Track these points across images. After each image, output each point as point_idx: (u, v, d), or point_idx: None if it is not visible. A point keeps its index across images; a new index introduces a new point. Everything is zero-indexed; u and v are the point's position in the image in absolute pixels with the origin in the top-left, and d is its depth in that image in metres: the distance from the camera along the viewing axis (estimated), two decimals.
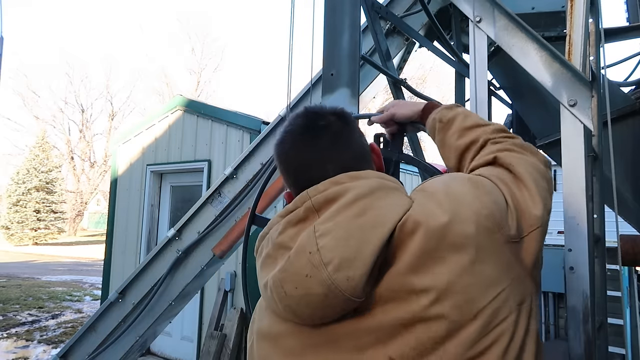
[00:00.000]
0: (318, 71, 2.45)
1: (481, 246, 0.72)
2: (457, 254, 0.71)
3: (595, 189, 1.46)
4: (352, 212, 0.72)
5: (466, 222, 0.73)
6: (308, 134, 0.84)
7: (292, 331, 0.75)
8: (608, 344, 1.73)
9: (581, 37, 1.40)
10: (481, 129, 1.02)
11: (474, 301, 0.69)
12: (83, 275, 13.56)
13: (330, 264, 0.68)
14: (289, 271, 0.72)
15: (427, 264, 0.70)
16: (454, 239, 0.72)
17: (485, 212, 0.76)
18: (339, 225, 0.71)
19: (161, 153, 6.05)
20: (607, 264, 1.75)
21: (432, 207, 0.74)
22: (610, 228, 1.60)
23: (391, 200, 0.75)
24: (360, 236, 0.69)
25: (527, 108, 2.72)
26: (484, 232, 0.74)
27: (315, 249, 0.70)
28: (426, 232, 0.71)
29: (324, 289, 0.69)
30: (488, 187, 0.83)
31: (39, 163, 26.37)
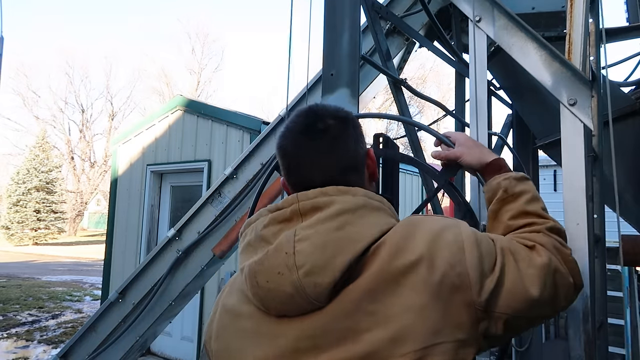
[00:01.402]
0: (318, 71, 2.45)
1: (439, 297, 0.74)
2: (413, 293, 0.73)
3: (596, 189, 1.46)
4: (333, 224, 0.77)
5: (435, 271, 0.75)
6: (305, 135, 0.88)
7: (252, 315, 0.81)
8: (608, 344, 1.73)
9: (581, 36, 1.40)
10: (540, 220, 0.95)
11: (408, 342, 0.71)
12: (83, 275, 13.56)
13: (302, 268, 0.74)
14: (264, 265, 0.78)
15: (382, 290, 0.74)
16: (415, 279, 0.74)
17: (458, 270, 0.76)
18: (318, 233, 0.76)
19: (161, 153, 6.05)
20: (607, 264, 1.75)
21: (409, 242, 0.77)
22: (610, 228, 1.60)
23: (372, 220, 0.80)
24: (335, 248, 0.75)
25: (527, 108, 2.72)
26: (448, 287, 0.74)
27: (292, 251, 0.75)
28: (389, 262, 0.75)
29: (292, 289, 0.74)
30: (482, 246, 0.80)
31: (39, 163, 26.39)
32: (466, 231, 0.82)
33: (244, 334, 0.82)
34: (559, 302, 0.86)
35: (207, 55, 35.72)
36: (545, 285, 0.83)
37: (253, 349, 0.79)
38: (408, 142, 2.31)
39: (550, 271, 0.84)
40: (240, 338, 0.82)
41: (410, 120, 2.32)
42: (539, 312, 0.84)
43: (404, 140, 11.05)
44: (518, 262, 0.83)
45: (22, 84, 32.62)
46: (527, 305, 0.80)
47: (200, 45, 35.37)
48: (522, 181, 1.02)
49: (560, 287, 0.85)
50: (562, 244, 0.91)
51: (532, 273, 0.82)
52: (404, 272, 0.74)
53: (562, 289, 0.86)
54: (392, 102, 10.96)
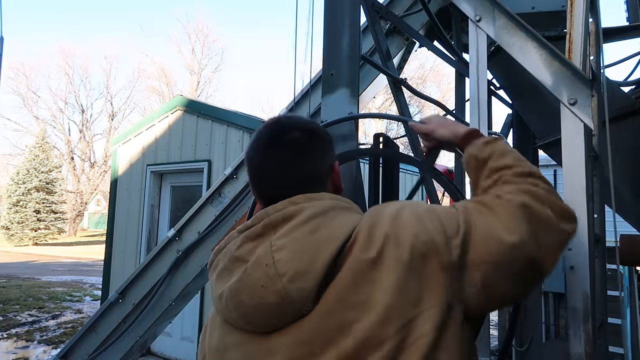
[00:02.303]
0: (318, 71, 2.45)
1: (411, 269, 0.75)
2: (388, 273, 0.75)
3: (596, 189, 1.46)
4: (306, 229, 0.79)
5: (401, 246, 0.76)
6: (270, 147, 0.90)
7: (239, 343, 0.81)
8: (608, 344, 1.73)
9: (581, 36, 1.40)
10: (507, 170, 0.93)
11: (394, 319, 0.73)
12: (83, 275, 13.56)
13: (285, 276, 0.75)
14: (244, 282, 0.79)
15: (361, 281, 0.76)
16: (387, 260, 0.76)
17: (423, 238, 0.77)
18: (295, 240, 0.78)
19: (161, 153, 6.05)
20: (607, 264, 1.75)
21: (374, 230, 0.79)
22: (610, 228, 1.60)
23: (342, 219, 0.82)
24: (312, 251, 0.76)
25: (527, 108, 2.72)
26: (418, 257, 0.76)
27: (271, 261, 0.77)
28: (362, 254, 0.77)
29: (277, 299, 0.75)
30: (441, 214, 0.82)
31: (39, 163, 26.39)
32: (422, 205, 0.86)
33: None
34: (539, 240, 0.81)
35: (207, 55, 35.73)
36: (517, 226, 0.80)
37: None
38: (408, 142, 2.31)
39: (519, 210, 0.82)
40: None
41: (411, 120, 2.32)
42: (516, 256, 0.78)
43: (404, 140, 11.06)
44: (482, 213, 0.82)
45: (22, 84, 32.65)
46: (501, 251, 0.78)
47: (200, 45, 35.38)
48: (488, 144, 1.00)
49: (535, 223, 0.81)
50: (533, 183, 0.88)
51: (498, 217, 0.81)
52: (376, 257, 0.76)
53: (540, 224, 0.82)
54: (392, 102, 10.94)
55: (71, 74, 34.03)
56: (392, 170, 1.61)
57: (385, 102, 27.66)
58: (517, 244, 0.78)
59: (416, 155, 2.21)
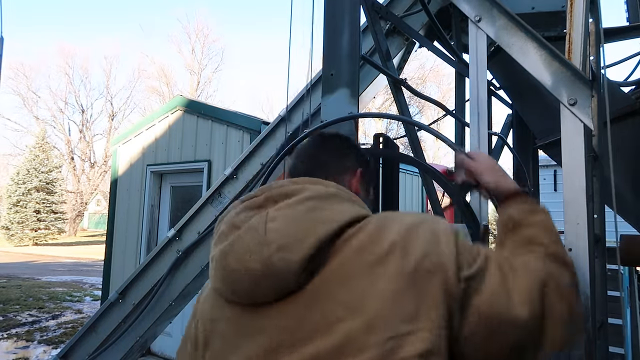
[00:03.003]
0: (318, 71, 2.45)
1: (412, 284, 0.71)
2: (386, 280, 0.72)
3: (596, 189, 1.46)
4: (305, 207, 0.79)
5: (408, 258, 0.73)
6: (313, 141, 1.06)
7: (228, 317, 0.81)
8: (608, 344, 1.73)
9: (581, 36, 1.40)
10: (540, 248, 0.90)
11: (381, 329, 0.69)
12: (83, 275, 13.56)
13: (272, 244, 0.74)
14: (234, 246, 0.78)
15: (354, 278, 0.73)
16: (388, 267, 0.73)
17: (433, 257, 0.73)
18: (290, 214, 0.78)
19: (161, 153, 6.05)
20: (607, 264, 1.75)
21: (383, 232, 0.77)
22: (610, 228, 1.60)
23: (342, 207, 0.81)
24: (307, 227, 0.75)
25: (527, 108, 2.72)
26: (423, 274, 0.72)
27: (263, 229, 0.76)
28: (362, 250, 0.75)
29: (262, 267, 0.74)
30: (461, 243, 0.77)
31: (39, 163, 26.39)
32: (444, 226, 0.80)
33: (225, 339, 0.81)
34: (544, 328, 0.78)
35: (207, 55, 35.74)
36: (532, 302, 0.77)
37: (236, 352, 0.78)
38: (408, 142, 2.31)
39: (540, 288, 0.79)
40: (223, 344, 0.81)
41: (410, 120, 2.32)
42: (516, 329, 0.75)
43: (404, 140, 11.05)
44: (503, 271, 0.78)
45: (22, 85, 32.66)
46: (504, 315, 0.74)
47: (200, 45, 35.38)
48: (535, 213, 0.97)
49: (548, 314, 0.78)
50: (559, 271, 0.85)
51: (517, 282, 0.77)
52: (377, 260, 0.73)
53: (551, 314, 0.79)
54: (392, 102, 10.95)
55: (71, 74, 34.09)
56: (392, 170, 1.61)
57: (385, 102, 27.66)
58: (524, 318, 0.75)
59: (416, 155, 2.21)
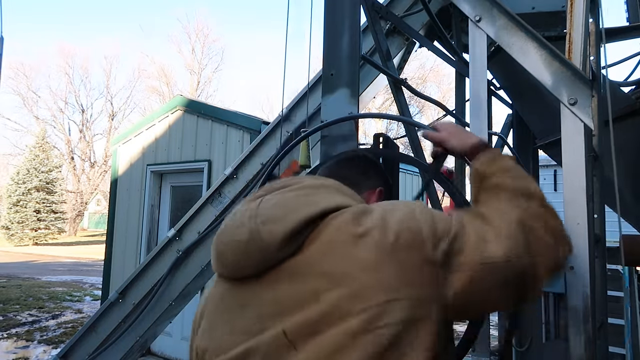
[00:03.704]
0: (318, 71, 2.45)
1: (393, 255, 0.76)
2: (367, 253, 0.76)
3: (596, 189, 1.46)
4: (296, 193, 0.86)
5: (387, 232, 0.78)
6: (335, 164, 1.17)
7: (221, 292, 0.87)
8: (608, 344, 1.73)
9: (581, 36, 1.40)
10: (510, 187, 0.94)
11: (365, 298, 0.73)
12: (83, 275, 13.56)
13: (260, 217, 0.82)
14: (227, 224, 0.86)
15: (337, 252, 0.78)
16: (368, 241, 0.77)
17: (411, 229, 0.78)
18: (283, 197, 0.85)
19: (161, 153, 6.05)
20: (607, 264, 1.75)
21: (365, 214, 0.82)
22: (610, 228, 1.60)
23: (333, 196, 0.87)
24: (293, 206, 0.82)
25: (527, 108, 2.72)
26: (402, 245, 0.77)
27: (255, 207, 0.84)
28: (345, 227, 0.80)
29: (248, 236, 0.80)
30: (435, 214, 0.83)
31: (39, 163, 26.39)
32: (420, 204, 0.86)
33: (217, 312, 0.86)
34: (531, 257, 0.82)
35: (207, 55, 35.72)
36: (510, 239, 0.81)
37: (224, 325, 0.83)
38: (408, 142, 2.31)
39: (515, 226, 0.83)
40: (212, 317, 0.87)
41: (410, 120, 2.32)
42: (506, 268, 0.79)
43: (404, 140, 11.05)
44: (477, 221, 0.84)
45: (22, 84, 32.64)
46: (491, 260, 0.78)
47: (200, 45, 35.37)
48: (495, 160, 1.01)
49: (529, 240, 0.82)
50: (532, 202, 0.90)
51: (493, 228, 0.82)
52: (359, 235, 0.78)
53: (533, 242, 0.83)
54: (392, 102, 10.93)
55: (71, 74, 34.07)
56: (392, 170, 1.61)
57: (385, 102, 27.65)
58: (509, 257, 0.80)
59: (416, 155, 2.21)
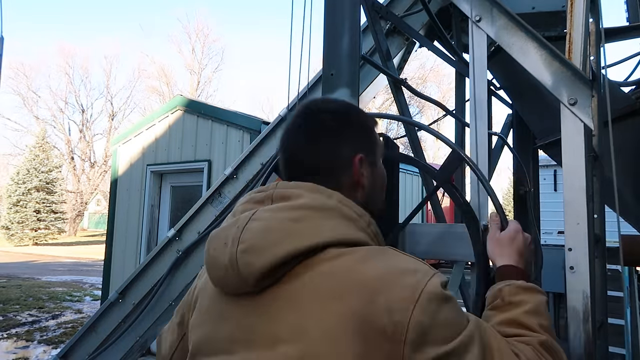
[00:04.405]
0: (318, 71, 2.45)
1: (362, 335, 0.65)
2: (337, 320, 0.66)
3: (596, 189, 1.46)
4: (290, 215, 0.74)
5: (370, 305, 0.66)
6: (294, 131, 0.89)
7: (210, 295, 0.83)
8: (608, 344, 1.73)
9: (581, 36, 1.40)
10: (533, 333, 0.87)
11: None
12: (83, 275, 13.56)
13: (242, 244, 0.73)
14: (218, 234, 0.79)
15: (310, 305, 0.69)
16: (345, 306, 0.67)
17: (397, 318, 0.65)
18: (272, 218, 0.75)
19: (161, 153, 6.05)
20: (607, 264, 1.75)
21: (361, 266, 0.70)
22: (610, 228, 1.60)
23: (333, 224, 0.74)
24: (279, 236, 0.72)
25: (527, 108, 2.72)
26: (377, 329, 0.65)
27: (242, 227, 0.75)
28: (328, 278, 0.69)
29: (228, 262, 0.73)
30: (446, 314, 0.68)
31: (39, 163, 26.39)
32: (435, 284, 0.69)
33: (203, 312, 0.84)
34: None
35: (207, 55, 35.76)
36: None
37: (207, 326, 0.81)
38: (408, 142, 2.31)
39: None
40: (202, 314, 0.84)
41: (411, 120, 2.32)
42: None
43: (404, 140, 11.05)
44: (488, 355, 0.72)
45: (22, 84, 32.67)
46: None
47: (200, 45, 35.40)
48: (526, 291, 0.93)
49: None
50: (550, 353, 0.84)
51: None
52: (339, 295, 0.67)
53: None
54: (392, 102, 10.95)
55: (71, 73, 34.10)
56: (392, 170, 1.61)
57: (385, 102, 27.66)
58: None
59: (416, 155, 2.21)
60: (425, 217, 9.06)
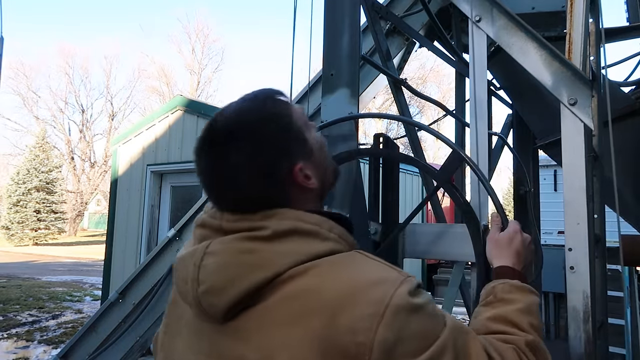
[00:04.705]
0: (318, 71, 2.45)
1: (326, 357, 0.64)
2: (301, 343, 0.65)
3: (596, 189, 1.46)
4: (244, 246, 0.71)
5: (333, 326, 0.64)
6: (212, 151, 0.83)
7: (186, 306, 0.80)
8: (608, 344, 1.73)
9: (581, 36, 1.40)
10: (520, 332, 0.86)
11: None
12: (83, 275, 13.57)
13: (202, 285, 0.71)
14: (179, 268, 0.78)
15: (275, 328, 0.67)
16: (308, 328, 0.65)
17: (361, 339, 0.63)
18: (226, 252, 0.71)
19: (161, 153, 6.06)
20: (607, 264, 1.75)
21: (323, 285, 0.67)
22: (610, 228, 1.60)
23: (290, 247, 0.71)
24: (236, 272, 0.69)
25: (527, 108, 2.72)
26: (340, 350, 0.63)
27: (198, 263, 0.72)
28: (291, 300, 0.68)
29: (192, 300, 0.73)
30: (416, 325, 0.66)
31: (39, 163, 26.40)
32: (402, 295, 0.65)
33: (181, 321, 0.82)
34: None
35: (207, 55, 35.76)
36: None
37: (175, 335, 0.81)
38: (408, 142, 2.31)
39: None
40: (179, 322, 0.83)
41: (411, 120, 2.32)
42: None
43: (404, 140, 11.06)
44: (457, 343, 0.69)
45: (22, 84, 32.68)
46: None
47: (201, 45, 35.40)
48: (519, 290, 0.94)
49: None
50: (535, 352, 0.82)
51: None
52: (301, 317, 0.66)
53: None
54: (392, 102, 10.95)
55: (71, 74, 34.10)
56: (393, 170, 1.61)
57: (385, 102, 27.66)
58: None
59: (416, 155, 2.21)
60: (425, 217, 9.06)
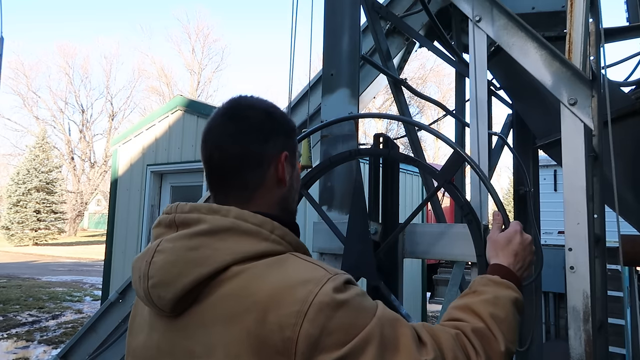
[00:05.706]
0: (318, 71, 2.45)
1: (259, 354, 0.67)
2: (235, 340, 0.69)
3: (596, 189, 1.46)
4: (189, 243, 0.76)
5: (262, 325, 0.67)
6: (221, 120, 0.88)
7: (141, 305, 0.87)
8: (608, 344, 1.73)
9: (581, 36, 1.40)
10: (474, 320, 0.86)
11: None
12: (83, 275, 13.57)
13: (151, 279, 0.77)
14: (136, 264, 0.81)
15: (216, 324, 0.72)
16: (242, 326, 0.69)
17: (288, 334, 0.66)
18: (173, 251, 0.76)
19: (161, 153, 6.06)
20: (607, 264, 1.75)
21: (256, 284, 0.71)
22: (610, 228, 1.60)
23: (230, 245, 0.75)
24: (182, 268, 0.74)
25: (527, 108, 2.72)
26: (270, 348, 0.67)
27: (149, 260, 0.78)
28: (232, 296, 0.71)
29: (143, 295, 0.78)
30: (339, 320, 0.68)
31: (39, 163, 26.40)
32: (326, 292, 0.69)
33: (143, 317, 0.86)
34: None
35: (207, 55, 35.79)
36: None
37: (144, 332, 0.84)
38: (408, 142, 2.31)
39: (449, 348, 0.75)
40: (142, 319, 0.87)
41: (411, 120, 2.32)
42: None
43: (404, 140, 11.05)
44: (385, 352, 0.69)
45: (22, 84, 32.69)
46: None
47: (201, 45, 35.42)
48: (496, 284, 0.94)
49: None
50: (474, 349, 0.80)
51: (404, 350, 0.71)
52: (236, 315, 0.70)
53: None
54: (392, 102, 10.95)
55: (71, 74, 34.12)
56: (393, 170, 1.61)
57: (385, 102, 27.67)
58: None
59: (416, 155, 2.21)
60: (425, 217, 9.06)
